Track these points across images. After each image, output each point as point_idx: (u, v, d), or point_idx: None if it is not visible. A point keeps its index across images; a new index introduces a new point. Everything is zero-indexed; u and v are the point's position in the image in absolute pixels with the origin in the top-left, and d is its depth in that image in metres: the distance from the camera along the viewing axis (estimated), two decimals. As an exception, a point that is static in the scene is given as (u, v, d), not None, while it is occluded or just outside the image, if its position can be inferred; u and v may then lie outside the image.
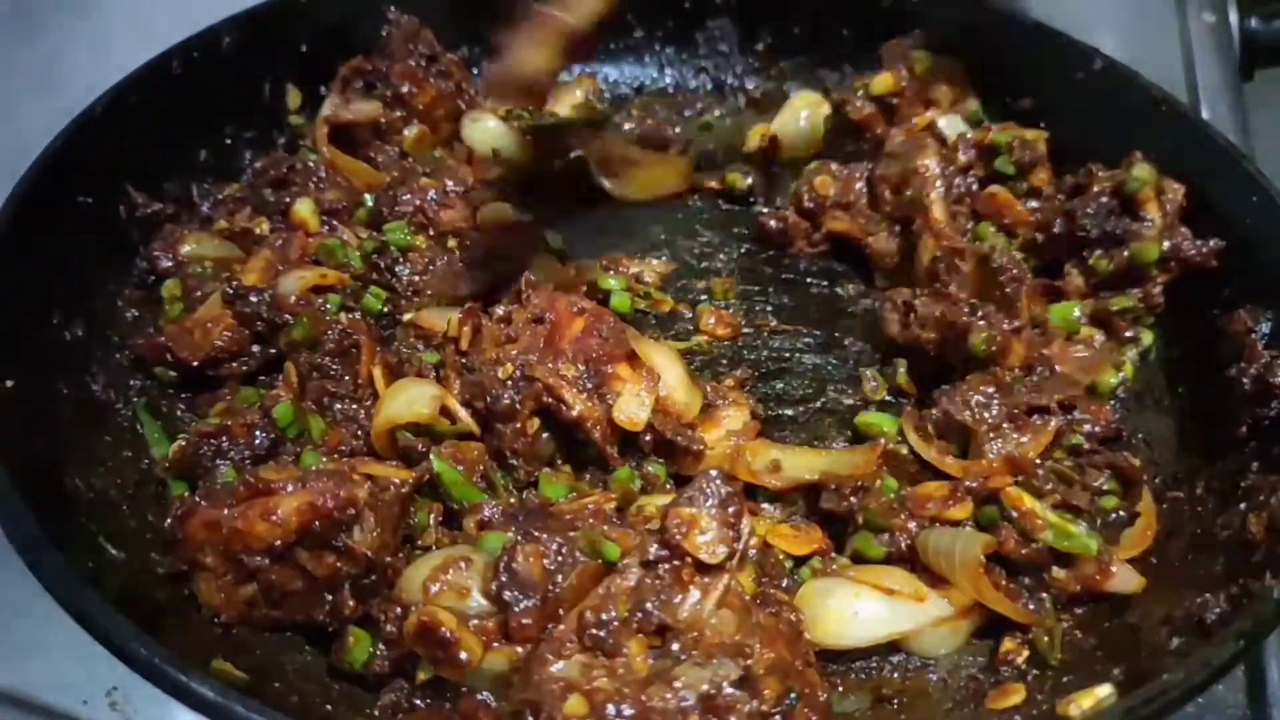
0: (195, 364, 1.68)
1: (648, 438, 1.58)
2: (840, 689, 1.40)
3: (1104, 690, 1.18)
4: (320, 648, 1.38)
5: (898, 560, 1.47)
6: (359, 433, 1.57)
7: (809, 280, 2.00)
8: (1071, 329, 1.78)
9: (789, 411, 1.76)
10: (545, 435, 1.57)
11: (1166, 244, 1.75)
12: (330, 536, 1.33)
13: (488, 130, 2.03)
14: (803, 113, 2.19)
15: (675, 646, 1.23)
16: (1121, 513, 1.50)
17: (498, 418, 1.54)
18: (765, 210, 2.08)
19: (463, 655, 1.25)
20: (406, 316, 1.76)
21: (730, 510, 1.33)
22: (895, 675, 1.42)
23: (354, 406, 1.61)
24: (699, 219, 2.11)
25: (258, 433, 1.54)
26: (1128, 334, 1.80)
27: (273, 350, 1.72)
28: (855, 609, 1.37)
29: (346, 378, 1.65)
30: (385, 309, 1.80)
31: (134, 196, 1.85)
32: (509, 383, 1.54)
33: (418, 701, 1.31)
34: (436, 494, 1.49)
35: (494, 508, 1.46)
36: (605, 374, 1.58)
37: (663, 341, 1.75)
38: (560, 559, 1.32)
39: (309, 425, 1.57)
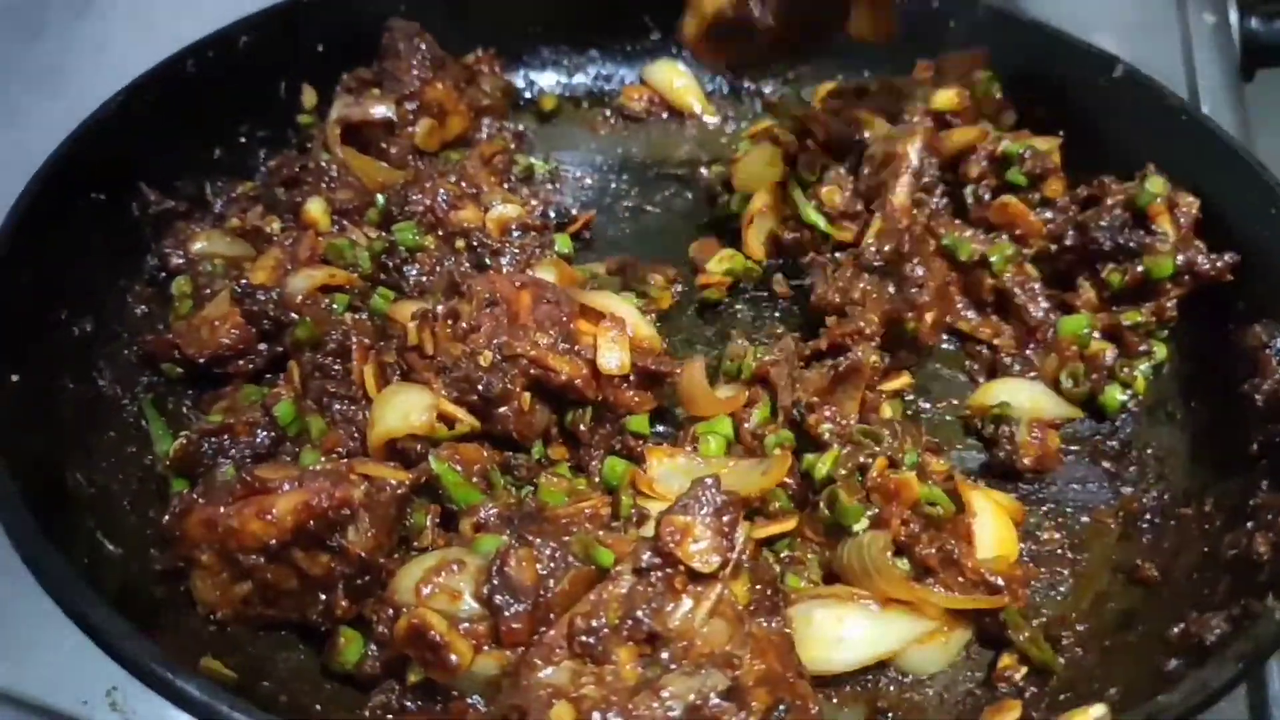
0: (202, 361, 1.69)
1: (631, 377, 1.60)
2: (835, 701, 1.39)
3: (1098, 710, 1.16)
4: (314, 647, 1.38)
5: None
6: (356, 434, 1.57)
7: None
8: (1082, 344, 1.76)
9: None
10: (539, 407, 1.59)
11: (1180, 258, 1.73)
12: (325, 536, 1.34)
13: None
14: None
15: (665, 655, 1.22)
16: None
17: (495, 404, 1.55)
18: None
19: (452, 658, 1.25)
20: (380, 306, 1.75)
21: (725, 519, 1.32)
22: (891, 689, 1.40)
23: (353, 408, 1.61)
24: (711, 226, 2.10)
25: (259, 431, 1.55)
26: (1140, 348, 1.77)
27: (279, 348, 1.72)
28: (840, 634, 1.36)
29: (350, 378, 1.65)
30: (392, 309, 1.80)
31: (147, 194, 1.86)
32: (493, 368, 1.54)
33: (408, 703, 1.31)
34: (435, 496, 1.50)
35: (490, 510, 1.46)
36: (571, 332, 1.60)
37: (603, 290, 1.78)
38: (553, 564, 1.32)
39: (309, 425, 1.57)
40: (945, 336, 1.88)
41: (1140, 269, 1.75)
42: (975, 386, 1.81)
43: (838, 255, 1.84)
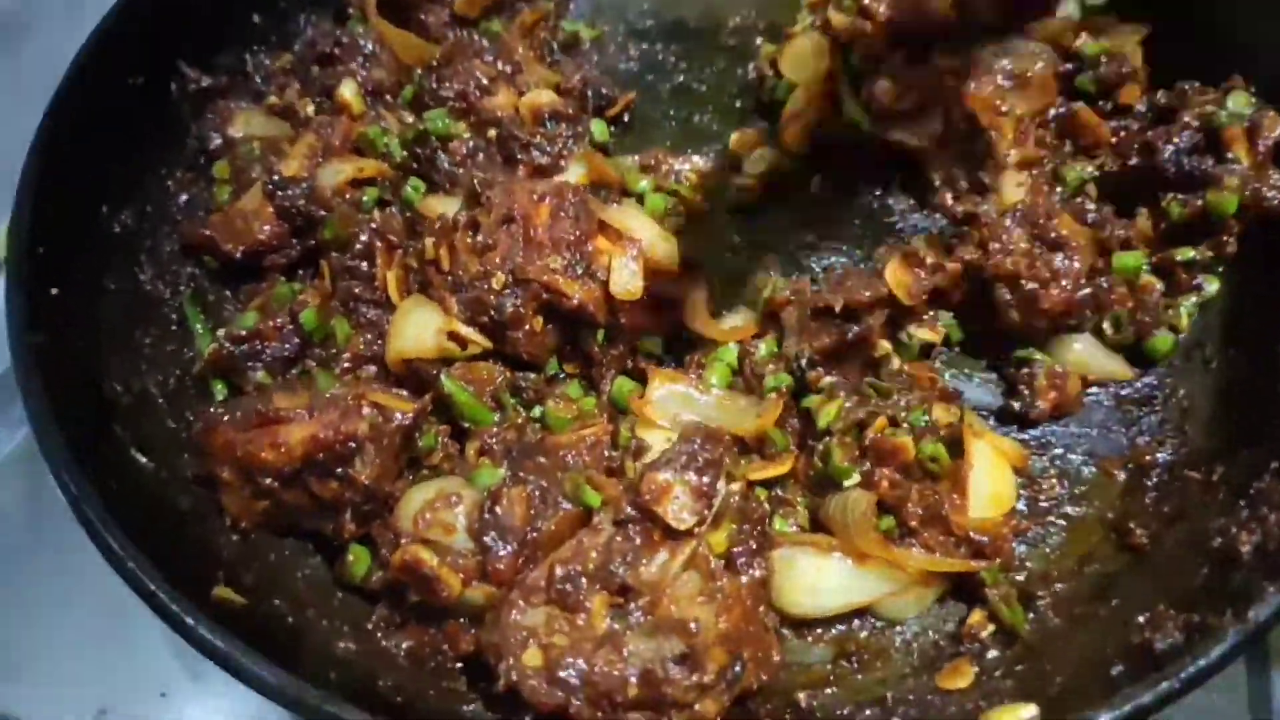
0: (238, 255, 1.76)
1: (645, 298, 1.60)
2: (808, 640, 1.47)
3: (1029, 711, 1.21)
4: (327, 558, 1.51)
5: None
6: (379, 340, 1.63)
7: (859, 185, 1.89)
8: (1132, 281, 1.67)
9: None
10: (549, 327, 1.62)
11: (1247, 191, 1.59)
12: (333, 466, 1.44)
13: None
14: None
15: (634, 608, 1.31)
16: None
17: (507, 327, 1.58)
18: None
19: (442, 590, 1.36)
20: (411, 198, 1.76)
21: (705, 479, 1.37)
22: (863, 633, 1.47)
23: (378, 312, 1.66)
24: (757, 110, 2.00)
25: (286, 336, 1.63)
26: (1193, 283, 1.67)
27: (312, 242, 1.77)
28: (818, 583, 1.41)
29: (375, 281, 1.70)
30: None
31: (187, 72, 1.87)
32: (506, 291, 1.57)
33: (410, 619, 1.44)
34: (449, 415, 1.57)
35: (495, 436, 1.53)
36: (588, 252, 1.60)
37: (626, 204, 1.76)
38: (543, 504, 1.40)
39: (335, 329, 1.64)
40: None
41: (1201, 203, 1.62)
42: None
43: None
